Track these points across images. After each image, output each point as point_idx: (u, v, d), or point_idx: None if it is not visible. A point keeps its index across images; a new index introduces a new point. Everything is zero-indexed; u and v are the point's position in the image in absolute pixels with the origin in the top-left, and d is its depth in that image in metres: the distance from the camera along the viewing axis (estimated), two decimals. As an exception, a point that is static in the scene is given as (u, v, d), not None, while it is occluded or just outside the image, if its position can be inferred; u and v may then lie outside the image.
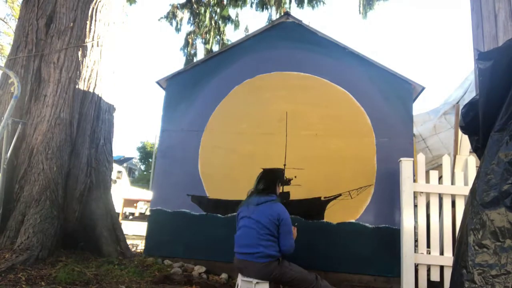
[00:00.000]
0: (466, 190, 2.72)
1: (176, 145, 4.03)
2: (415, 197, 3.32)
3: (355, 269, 3.49)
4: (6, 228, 3.51)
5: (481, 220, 1.40)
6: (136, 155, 40.34)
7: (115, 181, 10.40)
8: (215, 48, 9.06)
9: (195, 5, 8.97)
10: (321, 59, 4.03)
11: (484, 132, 1.59)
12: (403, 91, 3.85)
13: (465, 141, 3.77)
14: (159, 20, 9.08)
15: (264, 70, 4.10)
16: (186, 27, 9.26)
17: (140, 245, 5.08)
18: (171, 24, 9.01)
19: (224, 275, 3.48)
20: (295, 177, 3.74)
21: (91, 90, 4.44)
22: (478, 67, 1.60)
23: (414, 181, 3.32)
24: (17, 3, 12.55)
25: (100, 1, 4.63)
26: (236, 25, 9.19)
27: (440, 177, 3.40)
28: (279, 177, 3.01)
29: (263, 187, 2.74)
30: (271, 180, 2.77)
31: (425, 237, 3.27)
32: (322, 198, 3.58)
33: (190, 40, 9.15)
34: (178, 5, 9.04)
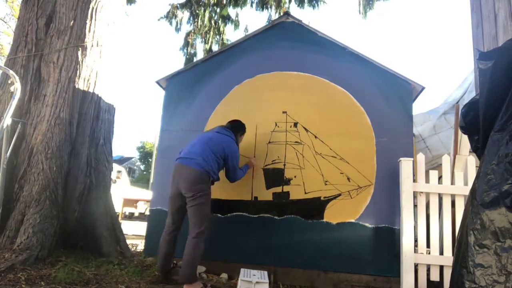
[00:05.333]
0: (466, 190, 2.72)
1: (176, 145, 4.02)
2: (415, 197, 3.32)
3: (355, 269, 3.49)
4: (5, 228, 3.51)
5: (481, 220, 1.40)
6: (136, 155, 40.40)
7: (115, 181, 10.39)
8: (215, 48, 9.05)
9: (195, 5, 8.97)
10: (321, 59, 4.03)
11: (484, 132, 1.59)
12: (403, 91, 3.85)
13: (465, 141, 3.77)
14: (158, 20, 9.11)
15: (264, 70, 4.10)
16: (186, 27, 9.28)
17: (140, 245, 5.07)
18: (171, 24, 9.03)
19: (224, 275, 3.48)
20: (295, 177, 3.74)
21: (91, 90, 4.43)
22: (478, 67, 1.60)
23: (414, 181, 3.32)
24: (17, 3, 12.55)
25: (100, 1, 4.62)
26: (236, 25, 9.19)
27: (440, 177, 3.40)
28: (241, 129, 3.50)
29: (226, 126, 3.33)
30: (235, 126, 3.39)
31: (425, 237, 3.27)
32: (322, 198, 3.58)
33: (189, 40, 9.16)
34: (178, 5, 9.04)
